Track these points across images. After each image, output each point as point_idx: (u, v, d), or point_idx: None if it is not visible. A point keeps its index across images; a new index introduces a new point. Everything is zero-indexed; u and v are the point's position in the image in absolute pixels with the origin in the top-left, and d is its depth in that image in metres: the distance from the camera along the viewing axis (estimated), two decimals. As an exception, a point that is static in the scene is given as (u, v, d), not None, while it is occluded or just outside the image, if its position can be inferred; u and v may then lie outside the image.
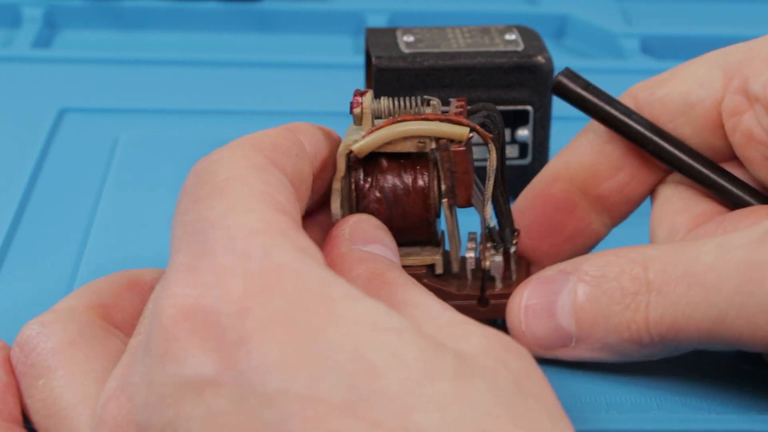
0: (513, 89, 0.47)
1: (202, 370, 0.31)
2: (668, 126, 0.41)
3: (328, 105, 0.56)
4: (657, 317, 0.37)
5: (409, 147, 0.38)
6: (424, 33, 0.48)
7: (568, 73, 0.41)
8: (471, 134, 0.38)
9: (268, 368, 0.30)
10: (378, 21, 0.65)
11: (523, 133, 0.48)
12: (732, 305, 0.36)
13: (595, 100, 0.41)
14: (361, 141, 0.38)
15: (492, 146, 0.39)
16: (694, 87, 0.41)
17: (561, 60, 0.49)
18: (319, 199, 0.40)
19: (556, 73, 0.46)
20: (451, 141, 0.38)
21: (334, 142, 0.39)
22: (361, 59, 0.58)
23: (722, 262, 0.36)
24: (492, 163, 0.39)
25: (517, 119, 0.47)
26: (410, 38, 0.48)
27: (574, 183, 0.42)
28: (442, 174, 0.38)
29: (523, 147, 0.48)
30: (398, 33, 0.48)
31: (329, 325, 0.31)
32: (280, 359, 0.30)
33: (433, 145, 0.38)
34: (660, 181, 0.42)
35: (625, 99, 0.42)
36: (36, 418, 0.36)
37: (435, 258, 0.40)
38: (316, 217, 0.40)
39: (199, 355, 0.31)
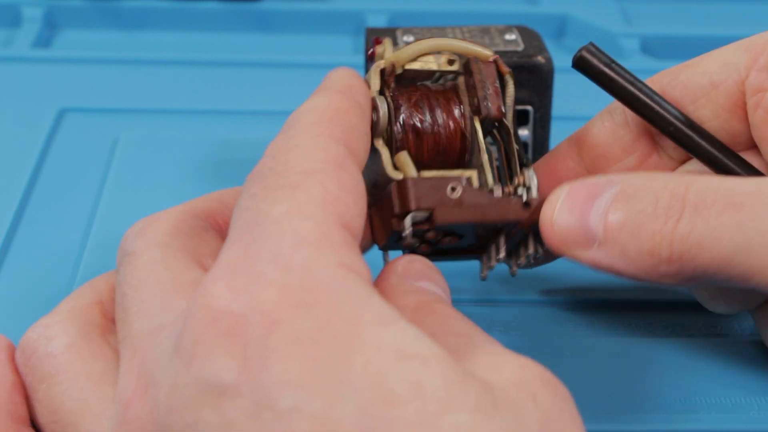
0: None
1: (224, 376, 0.30)
2: (689, 108, 0.41)
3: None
4: (685, 232, 0.37)
5: (438, 66, 0.40)
6: (424, 33, 0.48)
7: (592, 48, 0.41)
8: (495, 56, 0.40)
9: (286, 384, 0.30)
10: (378, 21, 0.65)
11: (523, 133, 0.48)
12: (760, 233, 0.36)
13: (617, 78, 0.41)
14: (396, 51, 0.39)
15: (509, 78, 0.40)
16: (719, 67, 0.41)
17: (561, 60, 0.49)
18: None
19: (554, 72, 0.46)
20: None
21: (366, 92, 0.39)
22: (361, 59, 0.58)
23: (763, 191, 0.36)
24: (510, 94, 0.40)
25: (517, 119, 0.47)
26: (410, 38, 0.48)
27: (583, 162, 0.43)
28: (476, 84, 0.39)
29: (523, 147, 0.48)
30: (398, 33, 0.48)
31: (354, 350, 0.30)
32: (299, 377, 0.30)
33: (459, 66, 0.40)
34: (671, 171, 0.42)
35: (649, 84, 0.42)
36: (42, 421, 0.36)
37: (471, 172, 0.39)
38: None
39: (222, 360, 0.31)
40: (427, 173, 0.38)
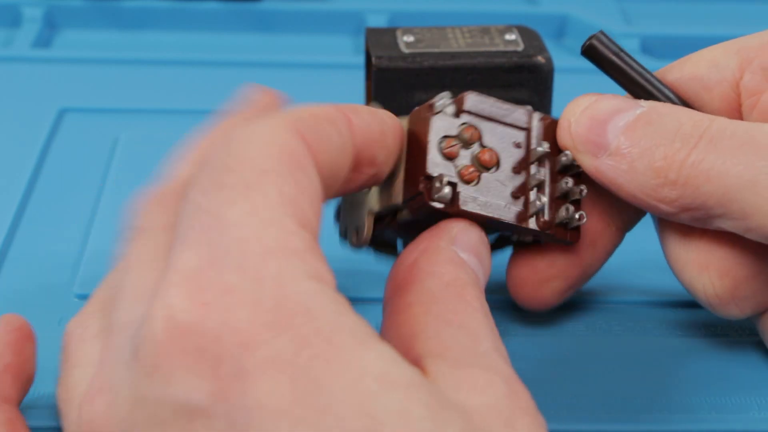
0: (513, 89, 0.47)
1: (195, 398, 0.30)
2: None
3: (328, 105, 0.56)
4: (697, 159, 0.37)
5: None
6: (424, 33, 0.48)
7: (602, 36, 0.41)
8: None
9: (266, 409, 0.29)
10: (378, 21, 0.65)
11: (523, 133, 0.48)
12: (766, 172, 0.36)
13: (626, 67, 0.41)
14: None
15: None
16: (709, 70, 0.41)
17: (561, 60, 0.49)
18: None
19: (554, 72, 0.46)
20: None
21: (390, 132, 0.38)
22: (361, 59, 0.58)
23: None
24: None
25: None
26: (410, 38, 0.48)
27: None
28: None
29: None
30: (398, 33, 0.48)
31: (335, 374, 0.29)
32: (280, 402, 0.29)
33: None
34: None
35: None
36: (59, 402, 0.36)
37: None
38: None
39: (192, 381, 0.30)
40: None
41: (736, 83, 0.40)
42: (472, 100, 0.39)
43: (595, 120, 0.39)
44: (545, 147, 0.40)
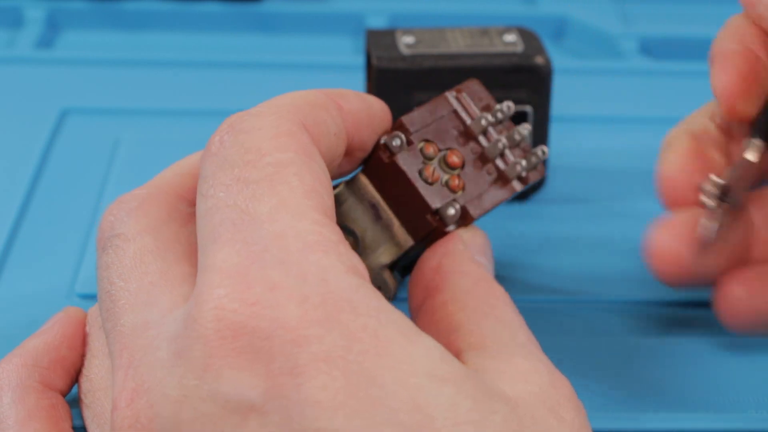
0: (512, 90, 0.47)
1: (249, 395, 0.30)
2: None
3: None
4: None
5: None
6: (423, 34, 0.48)
7: None
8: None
9: (321, 406, 0.29)
10: (378, 22, 0.66)
11: (523, 133, 0.48)
12: None
13: None
14: None
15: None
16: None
17: (560, 61, 0.49)
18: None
19: (553, 74, 0.47)
20: None
21: (378, 115, 0.38)
22: (361, 60, 0.58)
23: None
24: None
25: (517, 120, 0.48)
26: (410, 39, 0.48)
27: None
28: None
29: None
30: (398, 34, 0.48)
31: (386, 369, 0.30)
32: (334, 398, 0.29)
33: None
34: None
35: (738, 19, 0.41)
36: (82, 390, 0.36)
37: None
38: None
39: (245, 378, 0.30)
40: None
41: None
42: (408, 120, 0.39)
43: None
44: (479, 116, 0.40)
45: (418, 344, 0.30)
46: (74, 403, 0.37)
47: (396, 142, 0.38)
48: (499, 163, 0.40)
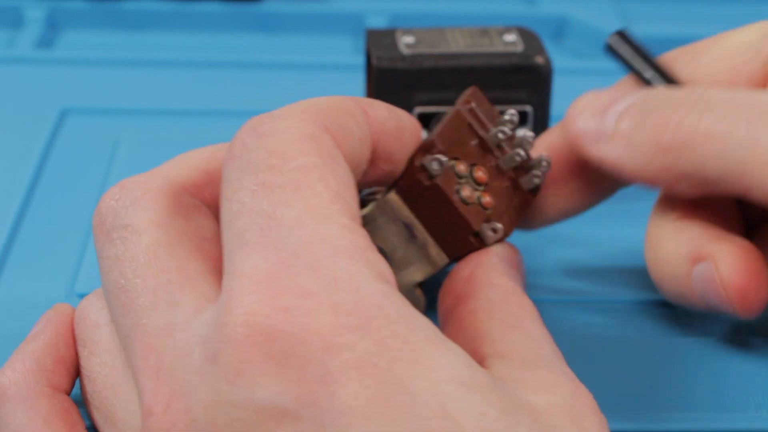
0: (512, 90, 0.47)
1: (281, 401, 0.30)
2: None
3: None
4: (693, 121, 0.38)
5: None
6: (423, 34, 0.48)
7: (621, 34, 0.43)
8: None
9: (354, 413, 0.29)
10: (378, 22, 0.66)
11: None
12: (761, 130, 0.37)
13: (644, 69, 0.42)
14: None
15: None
16: (739, 51, 0.41)
17: (560, 61, 0.49)
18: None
19: (553, 74, 0.47)
20: None
21: (407, 130, 0.38)
22: (361, 60, 0.58)
23: None
24: None
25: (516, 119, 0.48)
26: (410, 39, 0.48)
27: None
28: None
29: (522, 147, 0.48)
30: (398, 34, 0.48)
31: (416, 376, 0.30)
32: (366, 406, 0.29)
33: None
34: None
35: (664, 61, 0.42)
36: (85, 391, 0.36)
37: None
38: None
39: (278, 385, 0.30)
40: None
41: (765, 62, 0.41)
42: (438, 140, 0.38)
43: (595, 110, 0.40)
44: (495, 131, 0.40)
45: (446, 351, 0.31)
46: (79, 404, 0.37)
47: (435, 166, 0.38)
48: (511, 173, 0.40)
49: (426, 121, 0.46)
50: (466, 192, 0.38)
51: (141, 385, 0.32)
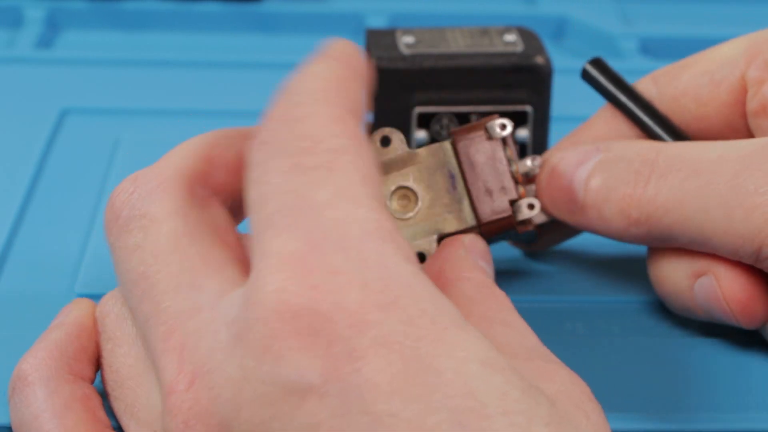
0: (512, 90, 0.47)
1: (308, 376, 0.30)
2: (690, 106, 0.43)
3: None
4: (652, 195, 0.39)
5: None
6: (423, 34, 0.48)
7: (597, 62, 0.44)
8: None
9: (379, 390, 0.30)
10: (378, 22, 0.66)
11: (522, 133, 0.48)
12: (716, 197, 0.38)
13: (618, 94, 0.44)
14: None
15: None
16: (718, 65, 0.42)
17: (560, 61, 0.49)
18: None
19: (554, 74, 0.47)
20: None
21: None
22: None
23: (724, 158, 0.39)
24: None
25: (516, 119, 0.48)
26: (410, 39, 0.48)
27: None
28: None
29: (522, 147, 0.48)
30: (398, 34, 0.48)
31: (442, 355, 0.30)
32: (392, 382, 0.30)
33: None
34: None
35: (645, 82, 0.44)
36: (107, 380, 0.36)
37: None
38: None
39: (305, 361, 0.30)
40: None
41: (742, 76, 0.42)
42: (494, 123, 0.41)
43: (561, 181, 0.42)
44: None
45: (469, 332, 0.31)
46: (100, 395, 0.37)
47: (497, 130, 0.40)
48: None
49: (426, 121, 0.47)
50: (516, 168, 0.41)
51: (162, 366, 0.32)
